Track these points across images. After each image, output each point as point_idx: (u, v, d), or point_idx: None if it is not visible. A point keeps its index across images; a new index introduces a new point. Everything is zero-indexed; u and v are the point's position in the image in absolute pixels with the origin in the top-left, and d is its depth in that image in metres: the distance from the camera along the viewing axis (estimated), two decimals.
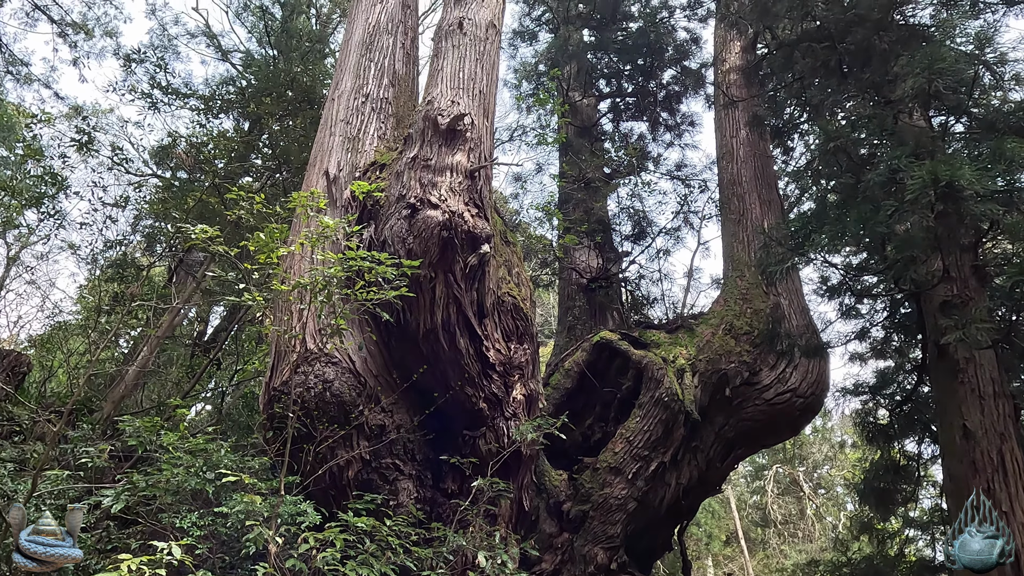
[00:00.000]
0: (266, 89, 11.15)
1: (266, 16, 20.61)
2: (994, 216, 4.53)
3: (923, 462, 10.16)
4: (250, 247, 4.11)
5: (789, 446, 29.35)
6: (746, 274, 9.26)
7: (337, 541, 3.61)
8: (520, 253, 7.62)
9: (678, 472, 7.65)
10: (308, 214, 4.46)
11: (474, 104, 6.84)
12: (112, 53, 20.76)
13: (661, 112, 15.36)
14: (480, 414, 6.21)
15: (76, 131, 10.28)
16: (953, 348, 5.81)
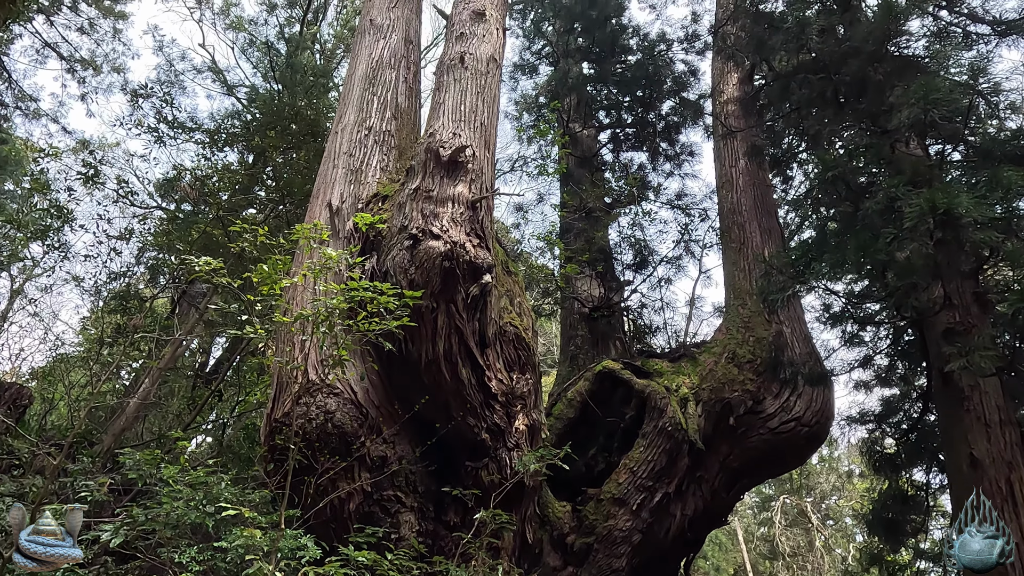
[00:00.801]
0: (270, 123, 11.31)
1: (271, 52, 21.01)
2: (993, 243, 4.55)
3: (932, 492, 10.04)
4: (253, 279, 4.14)
5: (796, 476, 29.01)
6: (748, 302, 9.26)
7: (338, 575, 3.56)
8: (522, 283, 7.64)
9: (683, 503, 7.55)
10: (311, 245, 4.49)
11: (475, 136, 6.93)
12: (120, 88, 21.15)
13: (661, 142, 15.53)
14: (482, 445, 6.17)
15: (83, 164, 10.40)
16: (957, 376, 5.78)
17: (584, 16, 16.38)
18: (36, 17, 21.31)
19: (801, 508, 27.33)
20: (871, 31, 7.09)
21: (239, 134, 15.02)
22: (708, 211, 13.65)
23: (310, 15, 22.76)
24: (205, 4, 23.01)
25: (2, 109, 21.74)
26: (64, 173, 11.54)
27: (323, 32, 24.02)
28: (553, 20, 17.69)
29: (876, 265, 5.33)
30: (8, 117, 22.02)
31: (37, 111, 22.17)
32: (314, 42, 22.87)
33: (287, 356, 6.30)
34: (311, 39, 22.50)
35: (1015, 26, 7.70)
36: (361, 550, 4.11)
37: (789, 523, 27.58)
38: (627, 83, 15.65)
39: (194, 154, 12.49)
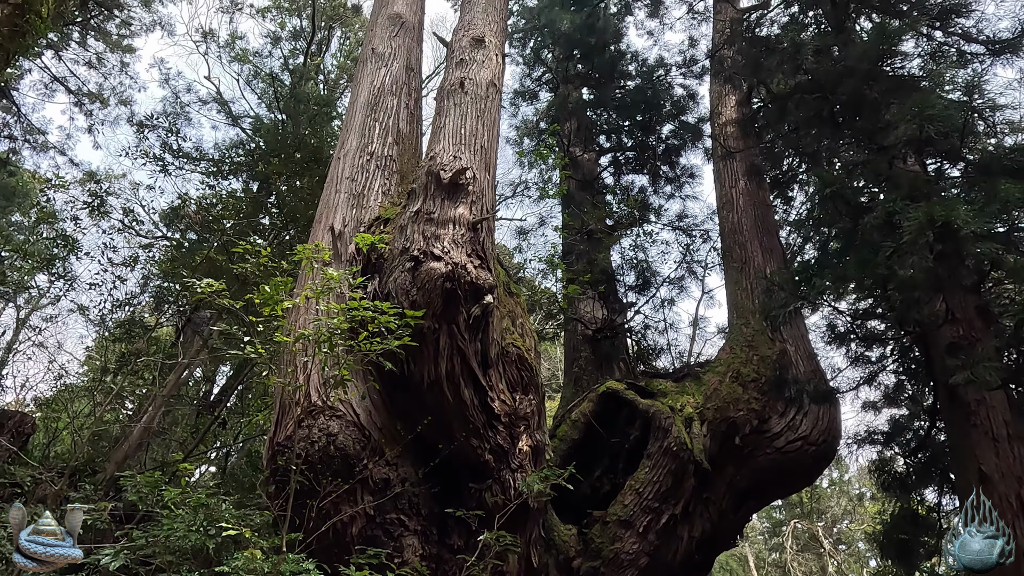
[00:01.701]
0: (275, 150, 11.45)
1: (275, 83, 21.35)
2: (993, 255, 4.56)
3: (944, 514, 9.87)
4: (255, 300, 4.16)
5: (806, 500, 28.62)
6: (751, 321, 9.24)
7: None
8: (524, 304, 7.65)
9: (690, 525, 7.46)
10: (312, 267, 4.52)
11: (476, 159, 7.01)
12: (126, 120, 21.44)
13: (661, 165, 15.63)
14: (486, 466, 6.13)
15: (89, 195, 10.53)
16: (963, 391, 5.74)
17: (583, 43, 16.62)
18: (45, 52, 21.73)
19: (812, 533, 26.90)
20: (865, 51, 7.18)
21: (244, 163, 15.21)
22: (710, 232, 13.69)
23: (314, 47, 23.17)
24: (211, 38, 23.43)
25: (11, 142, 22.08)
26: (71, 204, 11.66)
27: (327, 63, 24.40)
28: (552, 47, 17.96)
29: (877, 280, 5.33)
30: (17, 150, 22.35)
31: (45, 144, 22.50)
32: (318, 73, 23.22)
33: (289, 379, 6.31)
34: (315, 70, 22.85)
35: (1010, 45, 7.79)
36: (362, 570, 4.05)
37: (801, 548, 27.13)
38: (626, 108, 15.83)
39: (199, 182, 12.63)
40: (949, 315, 5.94)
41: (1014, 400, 5.79)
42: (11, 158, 22.01)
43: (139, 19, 24.33)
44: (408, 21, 10.49)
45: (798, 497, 28.82)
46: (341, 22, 25.40)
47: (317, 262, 4.52)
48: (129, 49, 23.78)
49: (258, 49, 23.24)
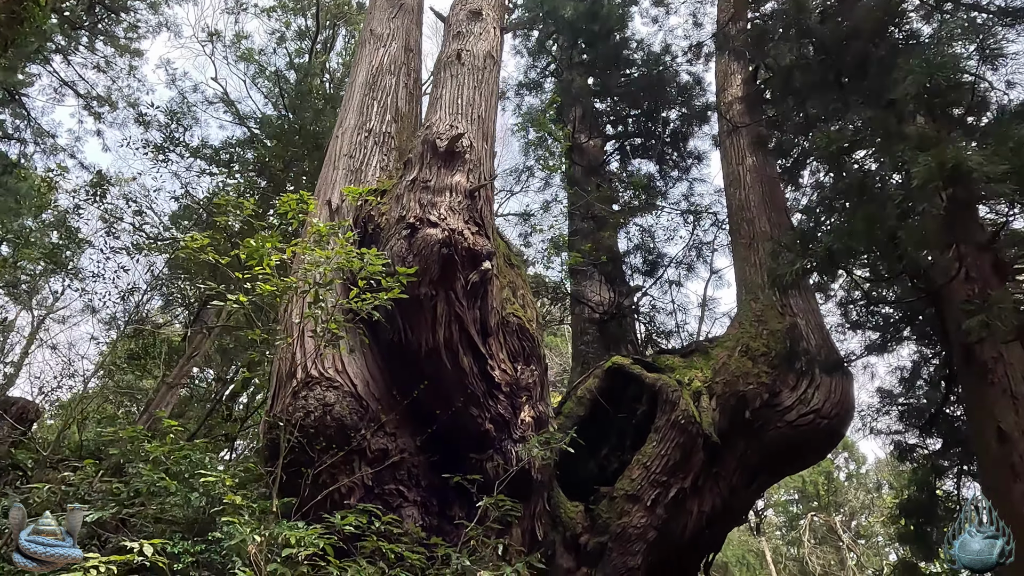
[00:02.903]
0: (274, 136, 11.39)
1: (280, 80, 21.39)
2: (1007, 196, 4.37)
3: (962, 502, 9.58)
4: (240, 255, 4.05)
5: (823, 492, 28.22)
6: (760, 296, 9.05)
7: (320, 541, 3.39)
8: (525, 276, 7.53)
9: (700, 499, 7.27)
10: (298, 218, 4.41)
11: (473, 128, 6.90)
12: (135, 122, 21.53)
13: (667, 150, 15.46)
14: (487, 436, 5.99)
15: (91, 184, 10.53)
16: (980, 349, 5.53)
17: (587, 31, 16.47)
18: (54, 57, 21.91)
19: (830, 525, 26.50)
20: (871, 12, 7.00)
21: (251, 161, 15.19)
22: (718, 214, 13.51)
23: (319, 45, 23.20)
24: (216, 39, 23.49)
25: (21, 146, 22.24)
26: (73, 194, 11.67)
27: (332, 61, 24.39)
28: (556, 36, 17.84)
29: (886, 234, 5.14)
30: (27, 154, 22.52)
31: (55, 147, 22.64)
32: (323, 71, 23.22)
33: (286, 353, 6.21)
34: (320, 68, 22.84)
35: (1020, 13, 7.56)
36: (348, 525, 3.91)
37: (819, 541, 26.74)
38: (632, 95, 15.68)
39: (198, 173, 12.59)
40: (963, 273, 5.73)
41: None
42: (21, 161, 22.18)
43: (146, 22, 24.41)
44: (407, 3, 10.40)
45: (815, 490, 28.45)
46: (346, 20, 25.39)
47: (301, 214, 4.39)
48: (137, 53, 23.90)
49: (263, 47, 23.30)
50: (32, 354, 20.08)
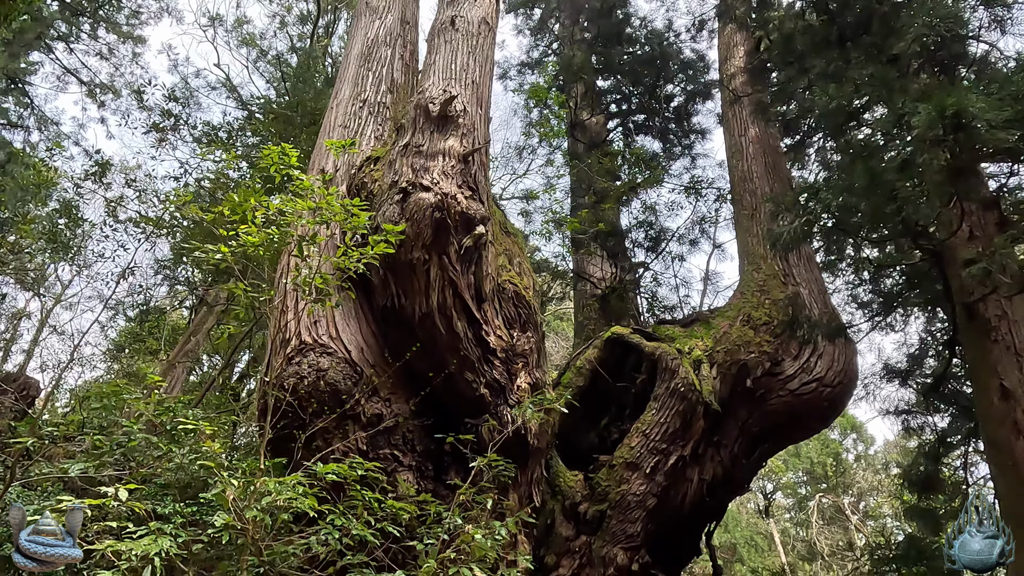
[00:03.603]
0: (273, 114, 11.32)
1: (282, 64, 21.32)
2: (1010, 144, 4.24)
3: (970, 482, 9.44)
4: (224, 211, 3.99)
5: (831, 473, 28.13)
6: (762, 266, 8.94)
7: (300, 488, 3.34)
8: (522, 244, 7.45)
9: (700, 467, 7.21)
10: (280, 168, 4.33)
11: (467, 93, 6.79)
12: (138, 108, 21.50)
13: (670, 126, 15.30)
14: (482, 400, 5.94)
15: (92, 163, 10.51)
16: (982, 307, 5.41)
17: (588, 8, 16.30)
18: (56, 45, 21.89)
19: (838, 506, 26.41)
20: None
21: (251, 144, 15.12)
22: (721, 189, 13.36)
23: (320, 29, 23.08)
24: (218, 23, 23.40)
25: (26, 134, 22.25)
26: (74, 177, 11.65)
27: (334, 45, 24.26)
28: (558, 14, 17.66)
29: (886, 190, 5.02)
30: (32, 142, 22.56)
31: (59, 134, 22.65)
32: (325, 54, 23.11)
33: (281, 321, 6.18)
34: (322, 51, 22.73)
35: None
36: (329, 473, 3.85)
37: (827, 521, 26.67)
38: (634, 71, 15.49)
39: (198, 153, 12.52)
40: (968, 232, 5.61)
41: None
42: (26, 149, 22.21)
43: (147, 8, 24.33)
44: None
45: (823, 471, 28.36)
46: (347, 4, 25.25)
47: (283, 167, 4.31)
48: (139, 40, 23.85)
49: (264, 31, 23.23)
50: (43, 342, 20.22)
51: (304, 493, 3.31)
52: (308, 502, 3.27)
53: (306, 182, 4.09)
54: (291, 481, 3.30)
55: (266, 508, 3.16)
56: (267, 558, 3.32)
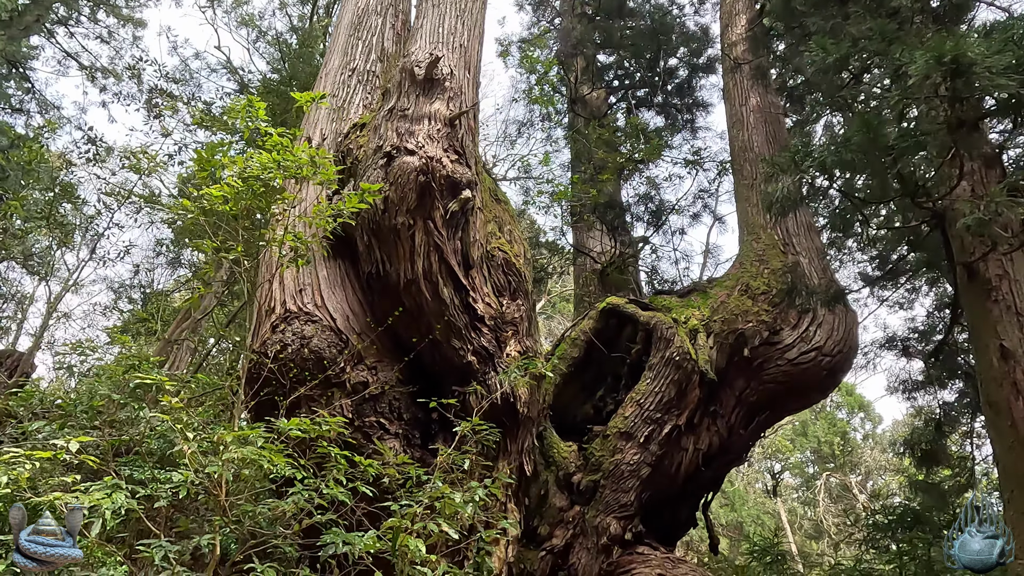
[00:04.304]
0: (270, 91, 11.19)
1: (280, 43, 21.15)
2: (1010, 90, 4.05)
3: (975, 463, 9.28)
4: (195, 170, 3.88)
5: (839, 452, 28.00)
6: (761, 236, 8.77)
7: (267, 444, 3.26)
8: (512, 211, 7.31)
9: (696, 437, 7.10)
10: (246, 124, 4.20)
11: (454, 56, 6.63)
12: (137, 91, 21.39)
13: (672, 100, 15.07)
14: (469, 368, 5.84)
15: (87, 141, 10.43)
16: (983, 267, 5.24)
17: None
18: (57, 29, 21.79)
19: (846, 484, 26.31)
20: None
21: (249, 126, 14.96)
22: (723, 162, 13.13)
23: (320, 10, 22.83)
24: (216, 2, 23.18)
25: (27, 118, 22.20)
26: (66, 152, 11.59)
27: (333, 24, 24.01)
28: None
29: (883, 145, 4.84)
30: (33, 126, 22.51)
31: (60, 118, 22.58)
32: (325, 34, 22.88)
33: (267, 290, 6.10)
34: (322, 31, 22.51)
35: None
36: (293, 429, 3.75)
37: (834, 500, 26.59)
38: (636, 45, 15.22)
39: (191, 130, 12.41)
40: (968, 189, 5.42)
41: None
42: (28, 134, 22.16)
43: None
44: None
45: (830, 450, 28.24)
46: None
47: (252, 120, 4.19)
48: (140, 23, 23.70)
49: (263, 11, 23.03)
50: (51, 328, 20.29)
51: (269, 450, 3.22)
52: (274, 458, 3.18)
53: (274, 137, 3.96)
54: (253, 436, 3.21)
55: (228, 464, 3.07)
56: (234, 517, 3.25)
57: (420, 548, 3.37)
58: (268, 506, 3.35)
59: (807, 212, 8.98)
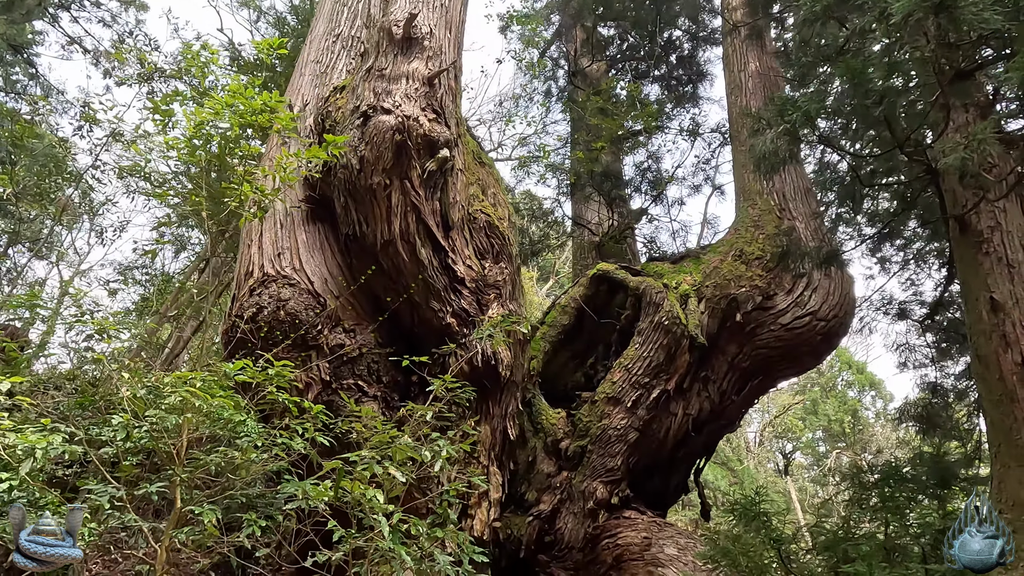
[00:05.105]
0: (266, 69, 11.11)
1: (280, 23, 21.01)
2: (997, 25, 3.86)
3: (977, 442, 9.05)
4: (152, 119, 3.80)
5: (849, 431, 27.78)
6: (758, 202, 8.59)
7: (215, 387, 3.20)
8: (497, 175, 7.19)
9: (686, 402, 6.99)
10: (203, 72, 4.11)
11: (434, 15, 6.49)
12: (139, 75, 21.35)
13: (674, 72, 14.81)
14: (449, 330, 5.76)
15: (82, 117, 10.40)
16: (975, 219, 5.06)
17: None
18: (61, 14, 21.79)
19: (855, 463, 26.09)
20: None
21: None
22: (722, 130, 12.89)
23: None
24: None
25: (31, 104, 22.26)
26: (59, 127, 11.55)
27: None
28: None
29: (867, 90, 4.65)
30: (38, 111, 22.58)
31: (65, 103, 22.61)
32: None
33: (247, 256, 6.06)
34: None
35: None
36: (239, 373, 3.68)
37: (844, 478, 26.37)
38: (636, 15, 14.94)
39: None
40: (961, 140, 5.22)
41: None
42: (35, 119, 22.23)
43: None
44: None
45: (841, 428, 28.01)
46: None
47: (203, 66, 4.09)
48: (142, 6, 23.64)
49: None
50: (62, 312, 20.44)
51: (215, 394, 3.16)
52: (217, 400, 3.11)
53: (233, 86, 3.86)
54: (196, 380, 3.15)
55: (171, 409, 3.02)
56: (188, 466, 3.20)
57: (377, 497, 3.30)
58: (220, 454, 3.29)
59: (804, 176, 8.79)
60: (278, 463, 3.46)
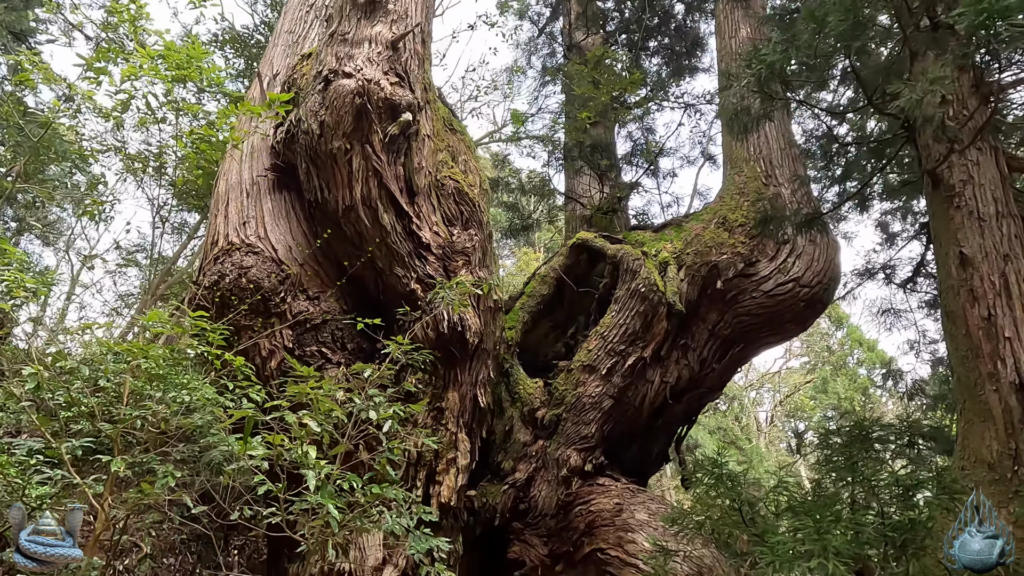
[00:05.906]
0: None
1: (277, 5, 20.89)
2: None
3: None
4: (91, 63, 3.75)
5: (859, 408, 27.51)
6: (744, 169, 8.41)
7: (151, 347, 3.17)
8: (470, 142, 7.09)
9: (663, 369, 6.90)
10: None
11: None
12: None
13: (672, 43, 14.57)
14: (413, 296, 5.71)
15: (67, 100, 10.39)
16: (948, 174, 4.90)
17: None
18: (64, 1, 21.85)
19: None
20: None
21: None
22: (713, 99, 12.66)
23: None
24: None
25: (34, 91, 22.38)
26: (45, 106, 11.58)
27: None
28: None
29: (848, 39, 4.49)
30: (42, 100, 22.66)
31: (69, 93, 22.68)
32: None
33: (212, 223, 6.04)
34: None
35: None
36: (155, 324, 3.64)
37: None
38: None
39: None
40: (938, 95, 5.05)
41: (1008, 176, 4.92)
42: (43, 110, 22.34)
43: None
44: None
45: (851, 406, 27.75)
46: None
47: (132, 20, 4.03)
48: None
49: None
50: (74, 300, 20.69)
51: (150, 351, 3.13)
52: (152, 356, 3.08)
53: (168, 43, 3.80)
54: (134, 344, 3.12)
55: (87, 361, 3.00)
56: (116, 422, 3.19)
57: (310, 452, 3.28)
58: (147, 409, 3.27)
59: (793, 143, 8.59)
60: (220, 424, 3.44)
